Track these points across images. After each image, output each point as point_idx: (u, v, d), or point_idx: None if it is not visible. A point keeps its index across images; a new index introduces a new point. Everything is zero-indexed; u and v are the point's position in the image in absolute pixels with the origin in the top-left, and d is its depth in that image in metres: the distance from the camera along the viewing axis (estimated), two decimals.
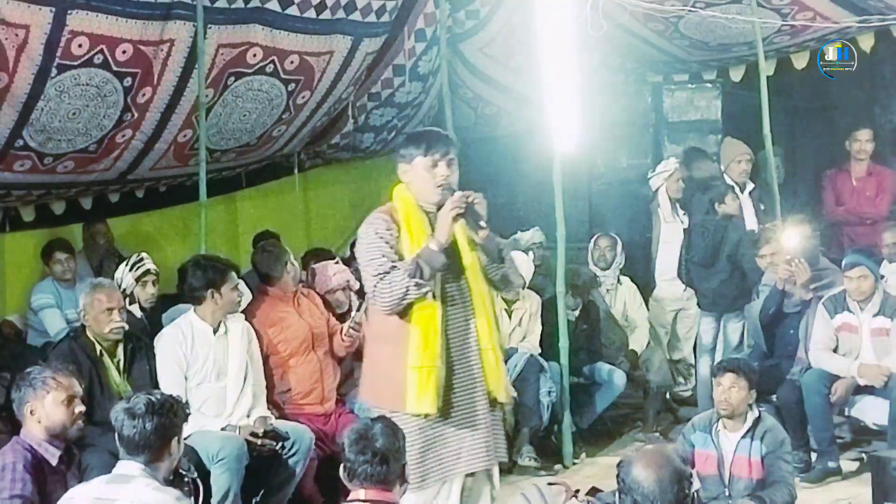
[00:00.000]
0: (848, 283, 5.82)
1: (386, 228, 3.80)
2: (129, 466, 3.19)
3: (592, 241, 7.41)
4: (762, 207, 7.32)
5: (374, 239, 3.79)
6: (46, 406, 3.74)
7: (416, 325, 3.75)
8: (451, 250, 3.83)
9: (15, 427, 3.92)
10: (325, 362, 5.39)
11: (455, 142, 3.99)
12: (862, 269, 5.78)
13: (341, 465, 3.19)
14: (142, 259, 5.78)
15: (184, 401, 3.45)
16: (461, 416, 3.83)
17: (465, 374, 3.84)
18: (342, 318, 5.70)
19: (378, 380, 3.92)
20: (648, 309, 7.44)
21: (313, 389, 5.32)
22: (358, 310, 5.54)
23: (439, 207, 3.81)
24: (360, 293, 6.28)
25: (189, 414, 3.46)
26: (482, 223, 3.77)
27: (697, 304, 7.27)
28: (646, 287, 7.51)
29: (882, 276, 6.28)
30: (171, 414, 3.25)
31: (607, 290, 7.20)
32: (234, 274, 5.15)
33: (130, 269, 5.70)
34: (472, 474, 3.90)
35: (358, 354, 5.30)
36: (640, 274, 7.55)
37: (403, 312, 3.76)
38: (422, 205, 3.86)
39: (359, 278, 6.26)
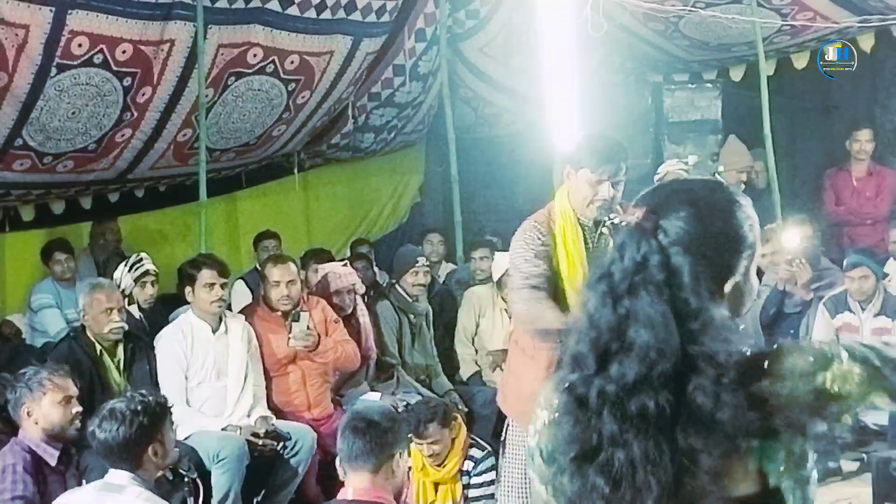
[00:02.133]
0: (849, 284, 5.81)
1: (538, 238, 3.61)
2: (118, 475, 3.13)
3: None
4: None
5: (524, 250, 3.61)
6: (44, 407, 3.73)
7: None
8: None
9: (15, 427, 3.92)
10: (309, 372, 5.29)
11: (627, 158, 3.73)
12: (863, 269, 5.78)
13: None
14: (141, 260, 5.77)
15: (164, 400, 3.31)
16: None
17: None
18: (347, 320, 5.68)
19: (518, 393, 3.70)
20: None
21: (294, 398, 5.26)
22: (295, 320, 5.23)
23: (596, 222, 3.64)
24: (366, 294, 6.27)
25: (171, 413, 3.32)
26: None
27: None
28: None
29: (886, 275, 6.27)
30: (144, 418, 3.14)
31: None
32: (208, 272, 4.99)
33: (129, 270, 5.69)
34: None
35: None
36: None
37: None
38: (580, 217, 3.65)
39: (365, 282, 6.27)
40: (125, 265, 5.75)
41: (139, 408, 3.16)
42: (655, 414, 1.39)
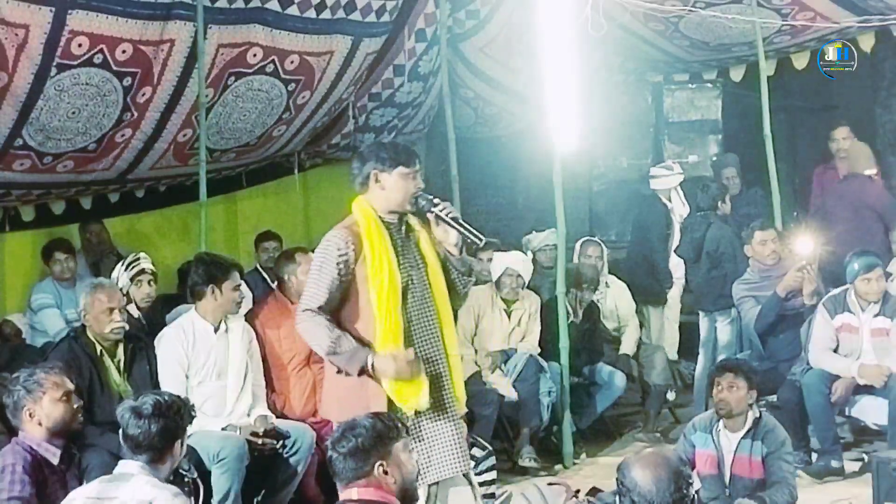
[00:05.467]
0: (864, 285, 5.76)
1: (343, 247, 3.82)
2: (128, 465, 3.21)
3: (579, 245, 7.32)
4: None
5: (326, 261, 3.83)
6: (45, 406, 3.74)
7: (380, 333, 3.82)
8: (416, 260, 3.93)
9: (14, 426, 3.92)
10: (320, 376, 5.22)
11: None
12: (881, 269, 5.77)
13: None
14: (137, 259, 5.73)
15: (190, 403, 3.45)
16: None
17: (433, 380, 3.86)
18: None
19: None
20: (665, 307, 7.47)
21: (306, 403, 5.27)
22: None
23: (400, 217, 3.93)
24: None
25: (194, 416, 3.46)
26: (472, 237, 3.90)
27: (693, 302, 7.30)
28: (648, 289, 7.49)
29: (890, 274, 6.27)
30: (177, 416, 3.27)
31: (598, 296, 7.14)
32: (236, 274, 5.13)
33: (125, 269, 5.67)
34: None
35: None
36: (641, 276, 7.53)
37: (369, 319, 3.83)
38: (383, 216, 3.90)
39: None
40: (122, 264, 5.74)
41: (180, 406, 3.32)
42: None
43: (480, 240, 3.92)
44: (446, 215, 3.89)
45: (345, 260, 3.80)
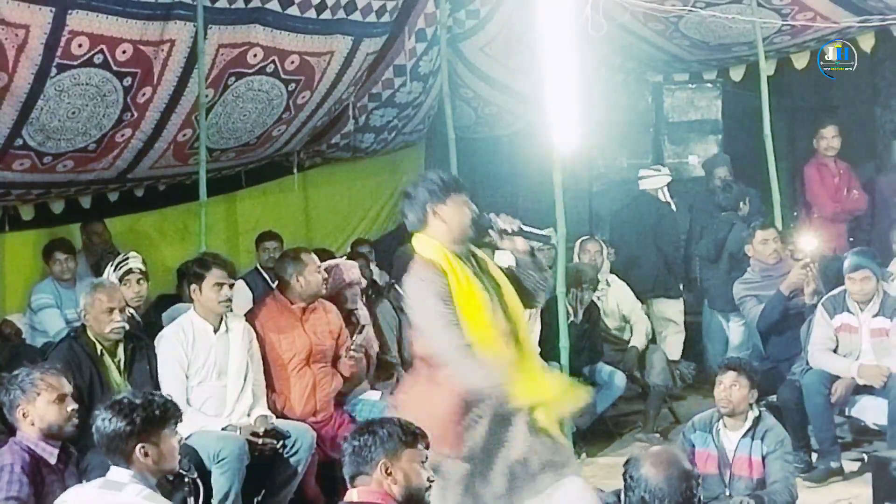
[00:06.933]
0: (851, 285, 5.79)
1: (442, 282, 3.70)
2: (119, 473, 3.17)
3: (578, 244, 7.36)
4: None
5: (434, 300, 3.67)
6: (38, 408, 3.73)
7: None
8: (491, 287, 3.83)
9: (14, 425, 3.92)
10: (320, 376, 5.33)
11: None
12: (866, 270, 5.77)
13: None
14: (126, 258, 5.67)
15: (170, 405, 3.30)
16: None
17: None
18: (347, 317, 5.70)
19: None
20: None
21: (306, 403, 5.27)
22: (360, 332, 5.50)
23: (467, 250, 3.84)
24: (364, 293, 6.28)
25: (177, 418, 3.33)
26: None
27: (707, 302, 7.32)
28: (662, 283, 7.51)
29: (890, 274, 6.28)
30: (134, 415, 3.16)
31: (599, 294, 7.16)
32: (218, 272, 5.01)
33: (114, 269, 5.65)
34: None
35: None
36: (642, 278, 7.53)
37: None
38: (453, 249, 3.79)
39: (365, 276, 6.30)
40: (111, 265, 5.71)
41: (138, 404, 3.19)
42: None
43: (547, 237, 3.91)
44: (509, 226, 3.85)
45: (446, 297, 3.67)
